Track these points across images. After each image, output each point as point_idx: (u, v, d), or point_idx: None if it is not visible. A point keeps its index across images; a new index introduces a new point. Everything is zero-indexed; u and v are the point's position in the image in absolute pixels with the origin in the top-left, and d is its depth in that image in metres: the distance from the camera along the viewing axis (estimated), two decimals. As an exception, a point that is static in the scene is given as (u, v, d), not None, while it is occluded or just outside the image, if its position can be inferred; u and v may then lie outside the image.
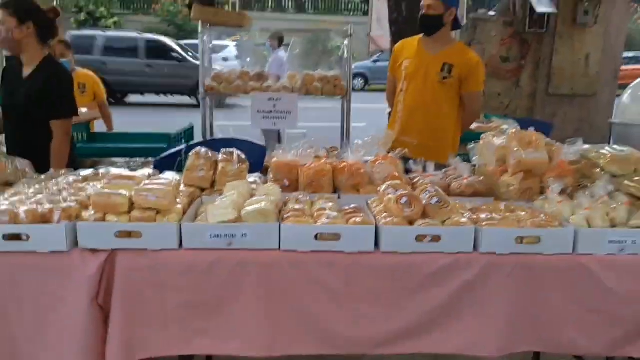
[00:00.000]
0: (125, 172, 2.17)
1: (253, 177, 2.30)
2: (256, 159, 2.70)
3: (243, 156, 2.26)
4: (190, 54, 14.71)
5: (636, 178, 2.10)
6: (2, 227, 1.75)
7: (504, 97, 6.53)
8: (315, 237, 1.83)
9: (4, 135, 3.03)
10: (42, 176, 2.24)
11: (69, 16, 19.95)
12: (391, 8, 6.95)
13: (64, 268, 1.80)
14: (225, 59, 13.42)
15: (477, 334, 1.91)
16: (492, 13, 6.66)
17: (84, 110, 3.95)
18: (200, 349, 1.93)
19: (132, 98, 15.05)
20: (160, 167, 2.56)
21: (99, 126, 4.83)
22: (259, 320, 1.88)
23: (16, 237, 1.75)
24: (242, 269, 1.85)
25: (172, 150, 3.20)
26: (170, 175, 2.11)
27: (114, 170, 2.21)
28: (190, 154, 2.27)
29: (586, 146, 2.30)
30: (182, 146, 3.18)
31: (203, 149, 2.29)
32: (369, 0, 23.96)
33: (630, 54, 16.42)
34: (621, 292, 1.89)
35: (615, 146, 2.34)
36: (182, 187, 2.11)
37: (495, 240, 1.86)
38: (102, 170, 2.31)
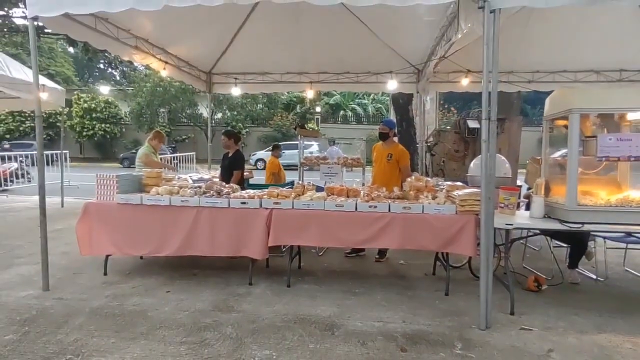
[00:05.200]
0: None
1: (320, 192, 4.41)
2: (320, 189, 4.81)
3: (314, 185, 4.40)
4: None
5: (454, 193, 3.96)
6: (239, 199, 3.96)
7: (457, 171, 8.30)
8: (335, 205, 3.88)
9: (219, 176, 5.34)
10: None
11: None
12: (398, 124, 9.05)
13: (257, 213, 3.93)
14: (310, 152, 16.28)
15: (391, 240, 3.77)
16: (448, 127, 8.55)
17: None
18: (298, 242, 3.97)
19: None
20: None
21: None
22: (317, 234, 3.85)
23: (244, 202, 3.96)
24: (311, 215, 3.87)
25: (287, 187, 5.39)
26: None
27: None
28: (295, 184, 4.43)
29: (447, 182, 4.21)
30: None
31: (300, 182, 4.46)
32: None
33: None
34: (439, 227, 3.69)
35: (455, 182, 4.24)
36: (292, 194, 4.25)
37: (395, 207, 3.80)
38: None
